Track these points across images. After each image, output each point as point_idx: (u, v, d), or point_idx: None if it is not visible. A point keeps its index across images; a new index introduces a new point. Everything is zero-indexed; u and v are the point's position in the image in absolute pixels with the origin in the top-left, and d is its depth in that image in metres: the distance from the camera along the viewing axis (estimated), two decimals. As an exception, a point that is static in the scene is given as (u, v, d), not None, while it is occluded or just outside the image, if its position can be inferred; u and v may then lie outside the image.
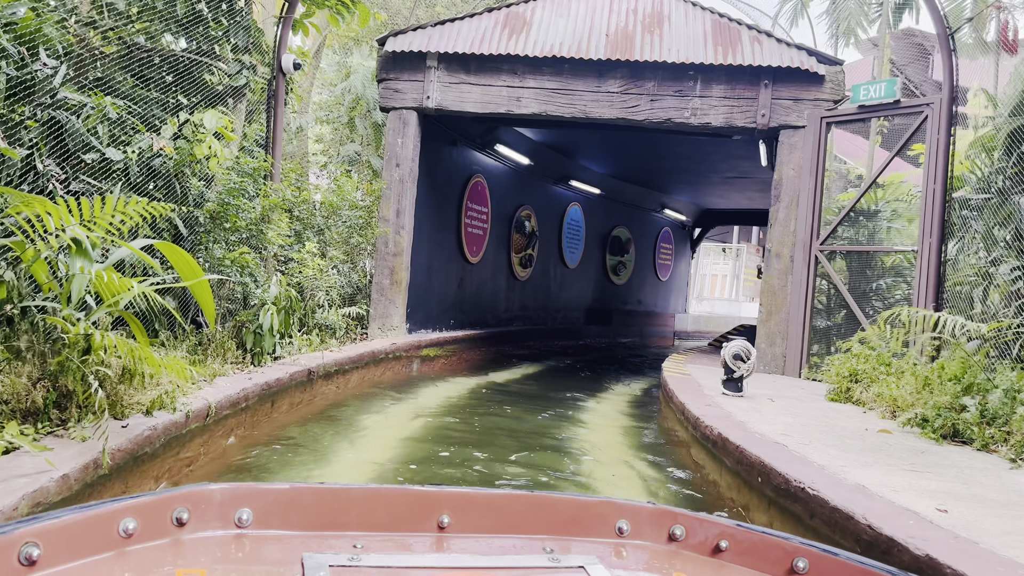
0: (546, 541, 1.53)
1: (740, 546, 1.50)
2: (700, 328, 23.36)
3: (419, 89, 10.38)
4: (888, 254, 10.11)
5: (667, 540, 1.57)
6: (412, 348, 10.13)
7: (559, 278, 17.25)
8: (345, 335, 9.34)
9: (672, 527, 1.57)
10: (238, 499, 1.46)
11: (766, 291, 9.87)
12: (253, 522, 1.45)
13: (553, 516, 1.58)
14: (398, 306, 10.42)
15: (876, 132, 13.45)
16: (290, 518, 1.48)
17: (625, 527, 1.58)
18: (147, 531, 1.33)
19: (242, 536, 1.43)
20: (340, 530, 1.49)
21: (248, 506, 1.46)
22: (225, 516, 1.44)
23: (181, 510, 1.39)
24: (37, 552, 1.16)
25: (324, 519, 1.49)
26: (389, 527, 1.51)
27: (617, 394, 10.21)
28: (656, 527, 1.58)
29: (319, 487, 1.53)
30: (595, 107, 10.13)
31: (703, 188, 18.91)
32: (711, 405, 6.31)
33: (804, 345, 9.60)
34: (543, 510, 1.58)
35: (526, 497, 1.60)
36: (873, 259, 10.07)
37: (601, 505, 1.61)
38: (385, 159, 10.53)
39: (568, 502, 1.61)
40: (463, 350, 12.11)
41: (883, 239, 10.37)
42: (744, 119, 9.87)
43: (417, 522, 1.52)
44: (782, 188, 9.85)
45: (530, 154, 14.41)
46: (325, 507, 1.51)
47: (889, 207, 10.64)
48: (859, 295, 9.58)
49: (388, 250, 10.39)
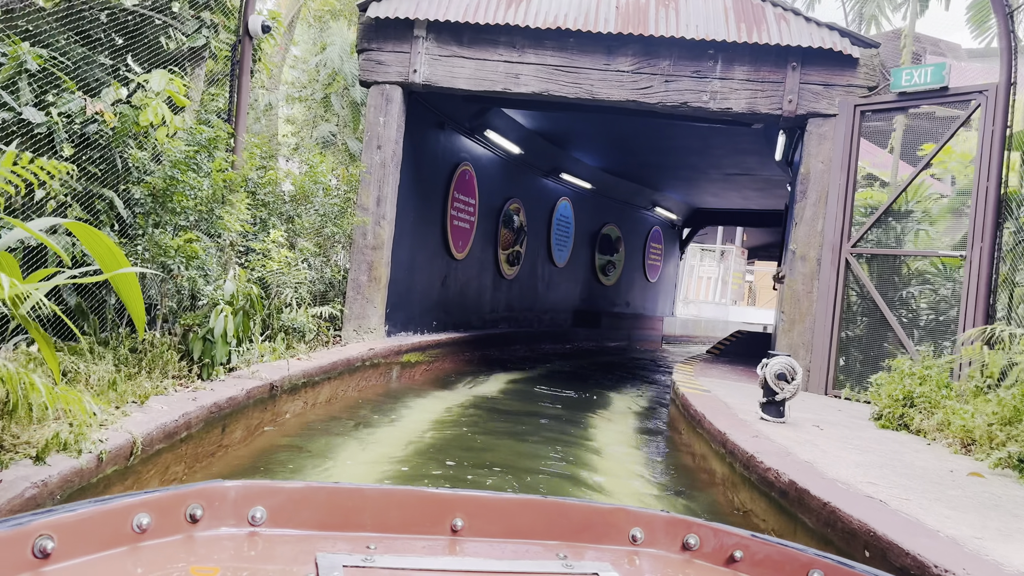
0: (559, 547, 1.54)
1: (754, 557, 1.48)
2: (688, 332, 22.42)
3: (405, 62, 9.20)
4: (913, 259, 9.14)
5: (681, 549, 1.56)
6: (392, 354, 8.97)
7: (547, 277, 16.15)
8: (316, 339, 8.16)
9: (686, 536, 1.56)
10: (252, 497, 1.47)
11: (789, 298, 8.86)
12: (267, 520, 1.46)
13: (567, 522, 1.59)
14: (376, 306, 9.25)
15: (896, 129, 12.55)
16: (304, 517, 1.48)
17: (639, 535, 1.58)
18: (161, 527, 1.35)
19: (255, 534, 1.44)
20: (354, 530, 1.50)
21: (262, 504, 1.46)
22: (239, 514, 1.45)
23: (195, 507, 1.40)
24: (51, 545, 1.18)
25: (338, 519, 1.50)
26: (402, 529, 1.51)
27: (619, 412, 9.13)
28: (670, 536, 1.58)
29: (333, 487, 1.54)
30: (603, 87, 9.03)
31: (699, 185, 17.93)
32: (758, 436, 5.25)
33: (832, 359, 8.60)
34: (557, 516, 1.59)
35: (540, 502, 1.60)
36: (899, 265, 9.10)
37: (615, 512, 1.61)
38: (365, 140, 9.34)
39: (582, 508, 1.61)
40: (446, 355, 10.96)
41: (910, 242, 9.41)
42: (769, 105, 8.84)
43: (430, 524, 1.52)
44: (809, 183, 8.83)
45: (521, 142, 13.29)
46: (339, 507, 1.52)
47: (919, 207, 9.69)
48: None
49: (366, 243, 9.21)
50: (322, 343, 8.44)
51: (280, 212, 7.43)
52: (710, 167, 15.36)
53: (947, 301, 8.85)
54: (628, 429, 7.84)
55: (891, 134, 13.01)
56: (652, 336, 20.40)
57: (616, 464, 6.19)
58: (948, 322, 8.36)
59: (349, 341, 8.97)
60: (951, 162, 9.93)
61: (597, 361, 15.00)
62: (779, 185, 16.28)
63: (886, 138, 13.36)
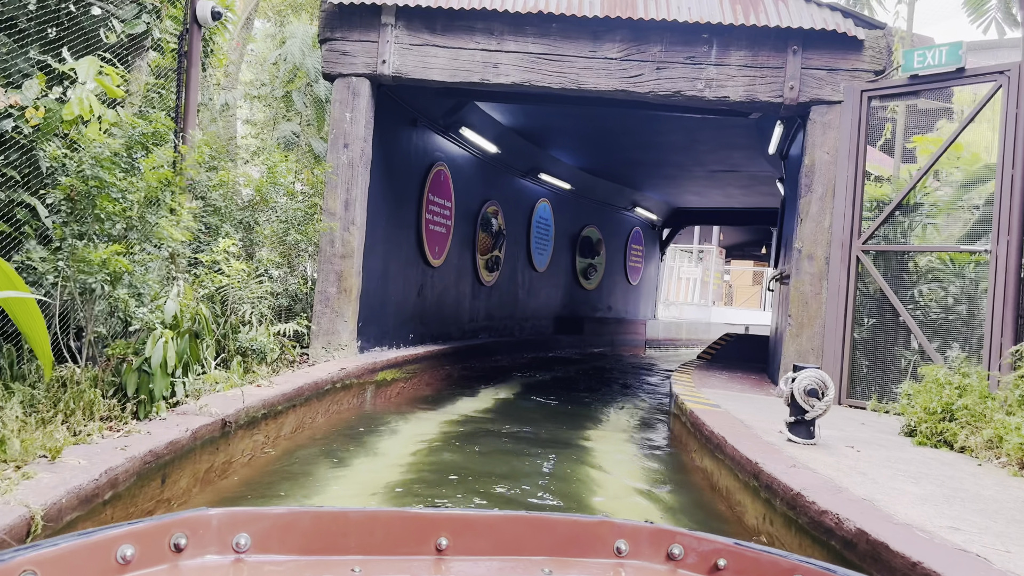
0: (545, 562, 1.54)
1: (738, 564, 1.49)
2: (672, 336, 21.79)
3: (372, 52, 8.40)
4: (919, 256, 8.50)
5: (665, 559, 1.57)
6: (365, 372, 8.14)
7: (527, 283, 15.39)
8: (280, 360, 7.31)
9: (670, 546, 1.57)
10: (236, 524, 1.47)
11: (796, 300, 8.18)
12: (251, 547, 1.46)
13: (551, 537, 1.59)
14: (347, 320, 8.41)
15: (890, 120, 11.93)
16: (288, 542, 1.48)
17: (623, 547, 1.58)
18: (145, 557, 1.35)
19: (240, 561, 1.44)
20: (339, 554, 1.49)
21: (246, 531, 1.46)
22: (223, 541, 1.45)
23: (179, 536, 1.40)
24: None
25: (322, 543, 1.50)
26: (388, 551, 1.52)
27: (616, 428, 8.39)
28: (654, 547, 1.58)
29: (317, 511, 1.53)
30: (589, 76, 8.30)
31: (681, 184, 17.29)
32: (796, 466, 4.52)
33: (845, 366, 7.94)
34: (541, 531, 1.59)
35: (524, 518, 1.60)
36: (906, 262, 8.47)
37: (599, 525, 1.61)
38: (330, 139, 8.51)
39: (566, 523, 1.61)
40: (425, 370, 10.15)
41: (916, 238, 8.79)
42: (769, 92, 8.17)
43: (416, 545, 1.53)
44: (815, 176, 8.17)
45: (498, 141, 12.52)
46: (323, 531, 1.50)
47: (928, 200, 9.07)
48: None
49: (334, 251, 8.37)
50: (287, 364, 7.60)
51: (236, 219, 6.57)
52: (695, 164, 14.72)
53: (957, 299, 8.24)
54: (630, 451, 7.09)
55: (883, 127, 12.46)
56: (635, 341, 19.73)
57: (624, 498, 5.43)
58: (959, 321, 7.74)
59: (318, 360, 8.13)
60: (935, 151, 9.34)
61: (582, 369, 14.26)
62: (765, 182, 15.70)
63: (875, 134, 12.79)
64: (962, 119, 7.69)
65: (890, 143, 10.53)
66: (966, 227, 9.01)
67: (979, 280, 7.60)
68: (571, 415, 8.92)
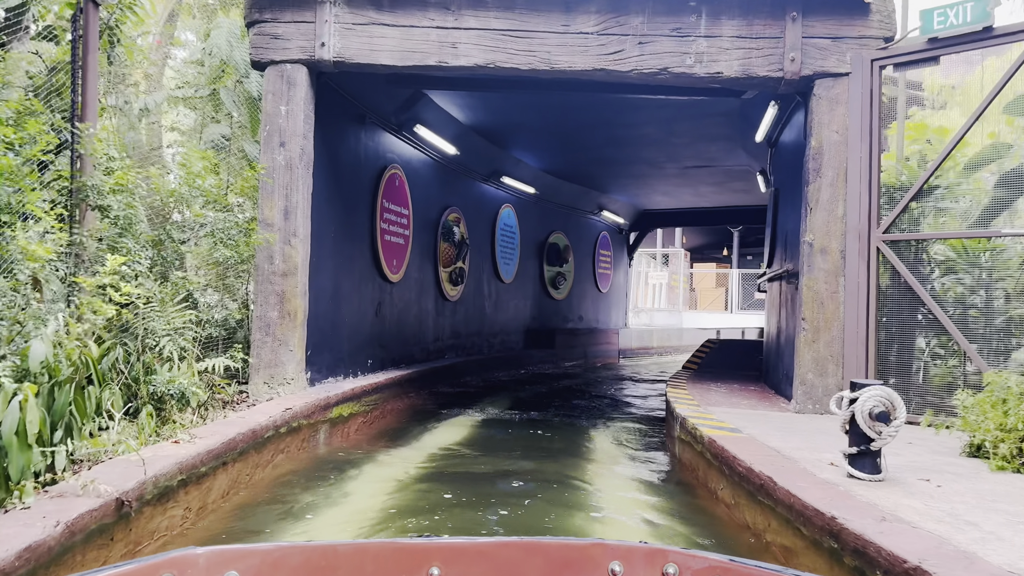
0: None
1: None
2: (646, 344, 20.80)
3: (309, 33, 7.19)
4: (931, 245, 7.55)
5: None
6: (316, 410, 6.88)
7: (494, 296, 14.23)
8: (210, 403, 6.02)
9: (665, 566, 1.57)
10: (224, 562, 1.46)
11: (810, 301, 7.16)
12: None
13: (545, 561, 1.58)
14: (293, 349, 7.15)
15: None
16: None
17: (618, 568, 1.58)
18: None
19: None
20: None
21: (235, 568, 1.45)
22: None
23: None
24: None
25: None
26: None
27: (610, 459, 7.25)
28: (649, 567, 1.59)
29: (306, 545, 1.54)
30: (562, 54, 7.21)
31: (650, 184, 16.33)
32: (887, 519, 3.42)
33: (869, 375, 6.93)
34: (534, 555, 1.58)
35: (516, 544, 1.60)
36: (921, 253, 7.53)
37: (593, 547, 1.61)
38: (263, 137, 7.27)
39: (560, 546, 1.61)
40: (387, 400, 8.91)
41: (928, 225, 7.86)
42: (767, 66, 7.17)
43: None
44: (823, 159, 7.18)
45: (457, 141, 11.37)
46: (313, 566, 1.49)
47: (942, 181, 8.16)
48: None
49: (274, 268, 7.12)
50: (222, 406, 6.32)
51: (134, 230, 5.28)
52: (668, 160, 13.74)
53: (973, 291, 7.32)
54: (635, 492, 5.96)
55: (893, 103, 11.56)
56: (608, 351, 18.68)
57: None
58: (976, 317, 6.80)
59: (259, 399, 6.85)
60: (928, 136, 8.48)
61: (559, 387, 13.12)
62: (739, 177, 14.83)
63: (890, 110, 11.91)
64: (992, 87, 6.76)
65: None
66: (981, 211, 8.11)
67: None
68: (555, 445, 7.77)
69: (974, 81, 7.79)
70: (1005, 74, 6.40)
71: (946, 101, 8.87)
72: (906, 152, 8.18)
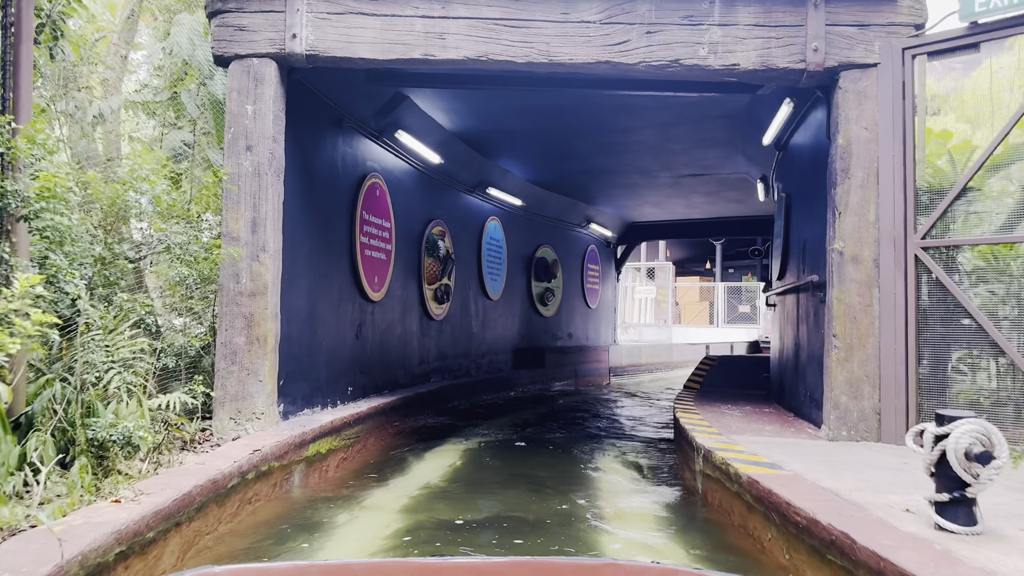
0: None
1: None
2: (635, 361, 20.06)
3: (279, 24, 6.41)
4: (958, 252, 6.89)
5: None
6: (290, 448, 6.04)
7: (481, 314, 13.43)
8: (167, 444, 5.16)
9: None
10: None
11: (841, 315, 6.45)
12: None
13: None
14: (262, 379, 6.30)
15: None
16: None
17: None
18: None
19: None
20: None
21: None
22: None
23: None
24: None
25: None
26: None
27: (619, 493, 6.48)
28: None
29: (323, 565, 1.55)
30: (562, 45, 6.48)
31: (641, 194, 15.65)
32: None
33: (910, 396, 6.23)
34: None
35: (529, 564, 1.59)
36: (952, 262, 6.86)
37: (605, 568, 1.60)
38: (227, 140, 6.46)
39: (571, 566, 1.61)
40: (370, 431, 8.07)
41: (956, 231, 7.20)
42: (788, 57, 6.49)
43: None
44: (852, 158, 6.50)
45: (441, 148, 10.61)
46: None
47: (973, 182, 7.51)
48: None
49: (241, 288, 6.28)
50: (180, 447, 5.46)
51: (71, 247, 4.44)
52: (662, 169, 13.07)
53: (1007, 302, 6.65)
54: (652, 530, 5.18)
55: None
56: (599, 370, 17.92)
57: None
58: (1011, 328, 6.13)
59: (225, 437, 6.00)
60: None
61: (552, 409, 12.33)
62: (734, 186, 14.21)
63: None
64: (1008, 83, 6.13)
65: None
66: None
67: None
68: (554, 478, 6.97)
69: (980, 78, 7.16)
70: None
71: (939, 107, 8.21)
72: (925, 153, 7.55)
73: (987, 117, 6.67)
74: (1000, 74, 6.98)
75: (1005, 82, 6.89)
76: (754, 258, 40.86)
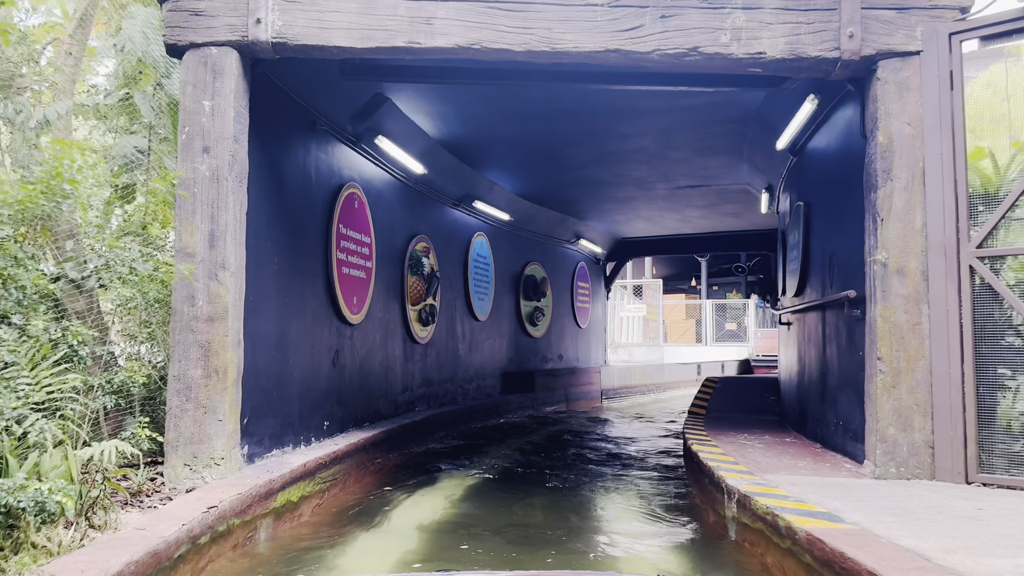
0: None
1: None
2: (627, 383, 19.24)
3: (240, 7, 5.58)
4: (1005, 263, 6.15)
5: None
6: (255, 500, 5.13)
7: (469, 336, 12.56)
8: (102, 503, 4.23)
9: None
10: None
11: (887, 335, 5.66)
12: None
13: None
14: (222, 417, 5.40)
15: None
16: None
17: None
18: None
19: None
20: None
21: None
22: None
23: None
24: None
25: None
26: None
27: (633, 537, 5.63)
28: None
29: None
30: (566, 32, 5.70)
31: (634, 208, 14.91)
32: None
33: (968, 426, 5.45)
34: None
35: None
36: (997, 274, 6.12)
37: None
38: (181, 141, 5.59)
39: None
40: (349, 471, 7.17)
41: (1000, 239, 6.47)
42: (819, 44, 5.76)
43: None
44: (894, 157, 5.76)
45: (425, 158, 9.80)
46: None
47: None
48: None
49: (196, 311, 5.39)
50: (124, 503, 4.55)
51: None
52: (659, 180, 12.34)
53: None
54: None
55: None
56: (590, 393, 17.08)
57: None
58: None
59: (178, 487, 5.08)
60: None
61: (545, 438, 11.45)
62: (734, 198, 13.52)
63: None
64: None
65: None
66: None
67: None
68: (555, 523, 6.09)
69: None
70: None
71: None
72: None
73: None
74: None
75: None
76: (738, 275, 40.47)
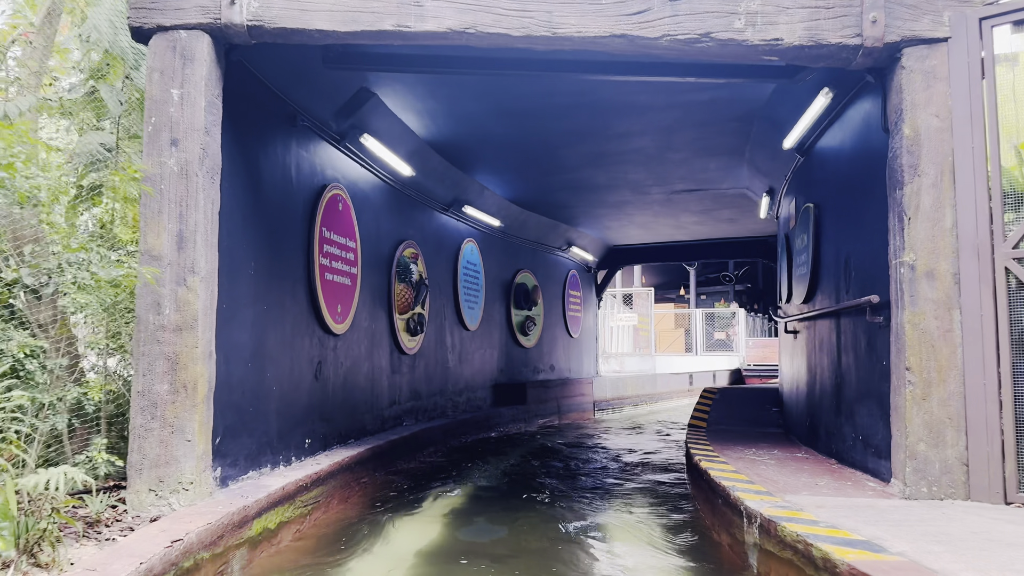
0: None
1: None
2: (620, 394, 18.78)
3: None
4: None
5: None
6: (227, 530, 4.61)
7: (458, 346, 12.06)
8: (50, 539, 3.71)
9: None
10: None
11: (916, 343, 5.23)
12: None
13: None
14: (191, 437, 4.88)
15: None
16: None
17: None
18: None
19: None
20: None
21: None
22: None
23: None
24: None
25: None
26: None
27: (644, 569, 5.15)
28: None
29: None
30: (568, 16, 5.26)
31: (628, 213, 14.49)
32: None
33: (1007, 442, 5.02)
34: None
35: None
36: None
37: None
38: (147, 133, 5.09)
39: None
40: (333, 492, 6.65)
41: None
42: (840, 30, 5.35)
43: None
44: (921, 151, 5.34)
45: (413, 159, 9.33)
46: None
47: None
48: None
49: (162, 320, 4.87)
50: (80, 535, 4.02)
51: None
52: (656, 183, 11.92)
53: None
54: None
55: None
56: (583, 404, 16.60)
57: None
58: None
59: (142, 515, 4.56)
60: None
61: (538, 452, 10.96)
62: (731, 203, 13.13)
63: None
64: None
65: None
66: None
67: None
68: (554, 552, 5.61)
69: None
70: None
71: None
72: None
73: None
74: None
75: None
76: (726, 284, 40.22)
